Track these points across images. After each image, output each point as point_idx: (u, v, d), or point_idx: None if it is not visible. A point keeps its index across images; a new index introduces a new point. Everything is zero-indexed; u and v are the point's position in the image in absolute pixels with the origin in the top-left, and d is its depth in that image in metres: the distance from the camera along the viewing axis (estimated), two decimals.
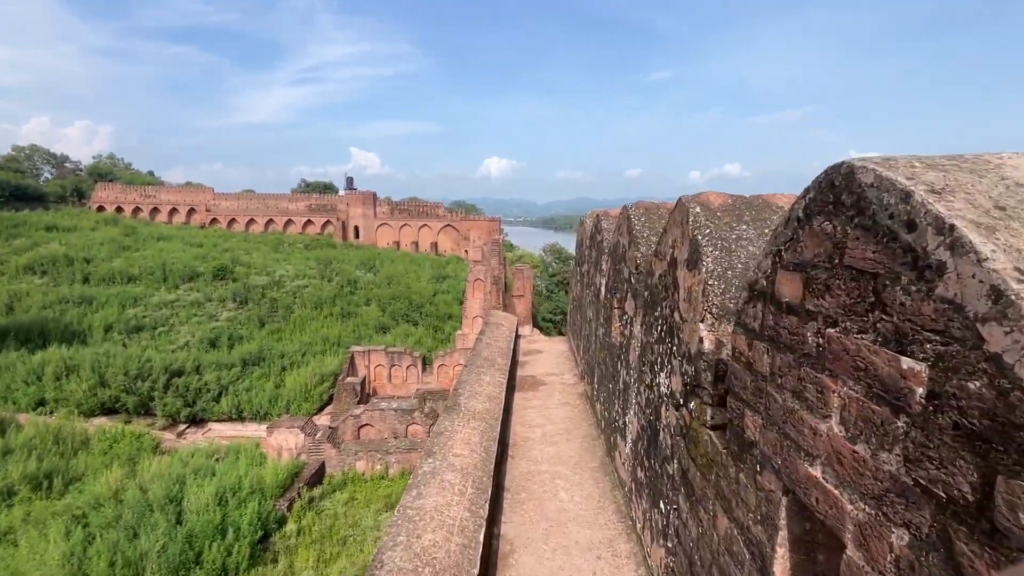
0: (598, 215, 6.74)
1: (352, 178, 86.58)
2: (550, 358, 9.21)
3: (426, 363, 38.82)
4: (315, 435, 22.32)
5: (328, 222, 77.62)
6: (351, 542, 17.73)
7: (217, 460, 23.57)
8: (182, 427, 31.49)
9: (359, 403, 32.81)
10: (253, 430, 30.38)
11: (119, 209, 77.36)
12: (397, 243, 75.05)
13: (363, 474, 22.12)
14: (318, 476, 21.24)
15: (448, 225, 74.99)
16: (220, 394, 32.78)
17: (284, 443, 21.82)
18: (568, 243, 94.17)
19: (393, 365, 37.46)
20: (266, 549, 16.74)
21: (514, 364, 8.14)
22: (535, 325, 49.69)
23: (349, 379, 34.13)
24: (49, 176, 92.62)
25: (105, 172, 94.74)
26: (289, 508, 18.74)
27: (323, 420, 32.41)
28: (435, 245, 74.50)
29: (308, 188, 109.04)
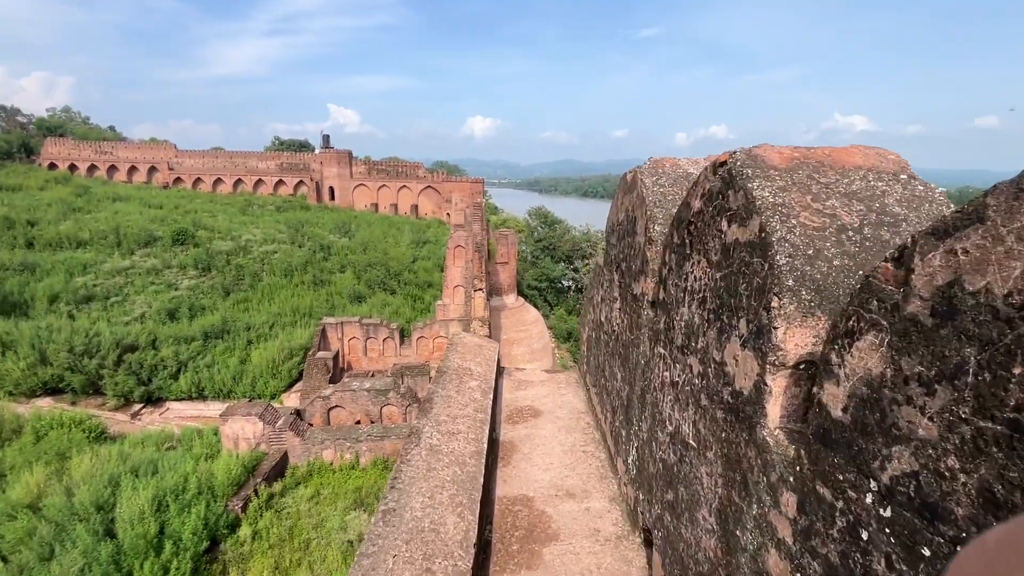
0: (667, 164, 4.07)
1: (328, 136, 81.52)
2: (555, 435, 5.16)
3: (404, 335, 36.53)
4: (276, 423, 20.06)
5: (301, 182, 73.20)
6: (315, 546, 15.80)
7: (169, 449, 21.29)
8: (137, 407, 28.99)
9: (332, 380, 30.58)
10: (216, 410, 27.92)
11: (72, 167, 71.69)
12: (375, 205, 71.25)
13: (331, 464, 20.09)
14: (279, 469, 19.13)
15: (429, 187, 71.24)
16: (179, 371, 30.20)
17: (241, 432, 19.56)
18: (554, 206, 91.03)
19: (369, 338, 35.10)
20: (214, 560, 14.70)
21: (491, 458, 4.58)
22: (520, 293, 47.54)
23: (321, 354, 31.72)
24: None
25: (57, 126, 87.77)
26: (244, 508, 16.65)
27: (292, 399, 30.19)
28: (415, 208, 70.95)
29: (282, 146, 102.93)
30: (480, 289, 35.21)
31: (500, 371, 6.46)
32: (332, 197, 71.91)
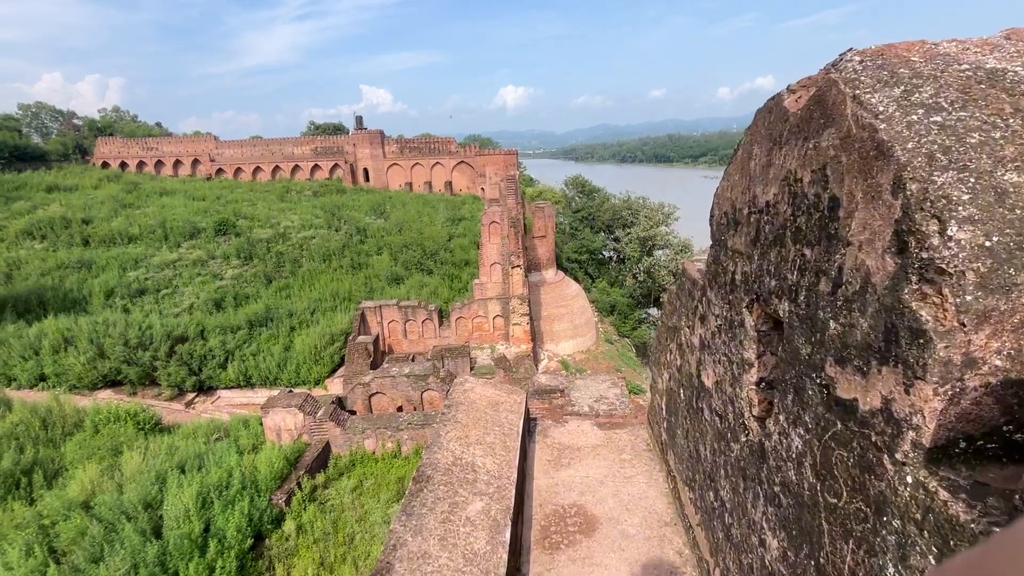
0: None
1: (361, 117, 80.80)
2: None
3: (443, 316, 35.97)
4: (316, 413, 19.82)
5: (336, 165, 73.38)
6: (359, 540, 15.43)
7: (217, 440, 21.55)
8: (190, 396, 29.88)
9: (373, 363, 30.44)
10: (263, 397, 28.38)
11: (123, 165, 74.63)
12: (409, 184, 70.68)
13: (373, 453, 19.74)
14: (322, 460, 18.92)
15: (462, 162, 69.82)
16: (226, 360, 30.78)
17: (282, 424, 19.43)
18: (591, 174, 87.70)
19: (408, 320, 34.73)
20: (259, 556, 14.56)
21: None
22: (559, 267, 45.97)
23: (361, 338, 31.59)
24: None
25: (107, 126, 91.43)
26: (288, 502, 16.47)
27: (336, 384, 30.30)
28: (449, 184, 69.87)
29: (317, 130, 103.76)
30: (517, 265, 33.95)
31: (530, 427, 4.79)
32: (367, 178, 71.84)
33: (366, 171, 71.81)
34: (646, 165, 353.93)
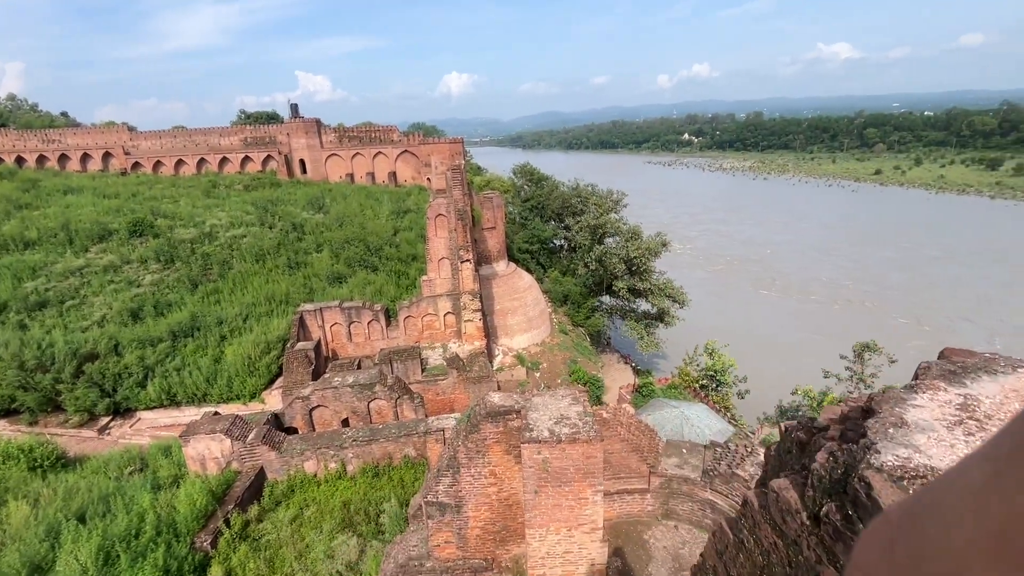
0: None
1: (296, 105, 75.67)
2: None
3: (390, 316, 34.04)
4: (246, 436, 17.71)
5: (269, 157, 68.59)
6: None
7: (134, 473, 19.00)
8: (104, 421, 26.61)
9: (315, 371, 28.23)
10: (193, 416, 25.71)
11: (20, 160, 66.52)
12: (350, 176, 67.13)
13: (314, 476, 17.92)
14: (255, 489, 16.93)
15: (406, 151, 66.95)
16: (146, 377, 27.66)
17: (207, 452, 17.23)
18: (540, 161, 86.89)
19: (352, 322, 32.57)
20: None
21: None
22: (511, 259, 44.82)
23: (300, 345, 29.24)
24: None
25: None
26: (214, 544, 14.50)
27: (274, 397, 27.90)
28: (393, 175, 66.91)
29: (248, 120, 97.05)
30: (467, 260, 32.47)
31: None
32: (304, 170, 67.63)
33: (303, 162, 67.56)
34: (592, 152, 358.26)
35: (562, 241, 58.64)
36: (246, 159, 68.77)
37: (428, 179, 63.05)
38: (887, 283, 68.39)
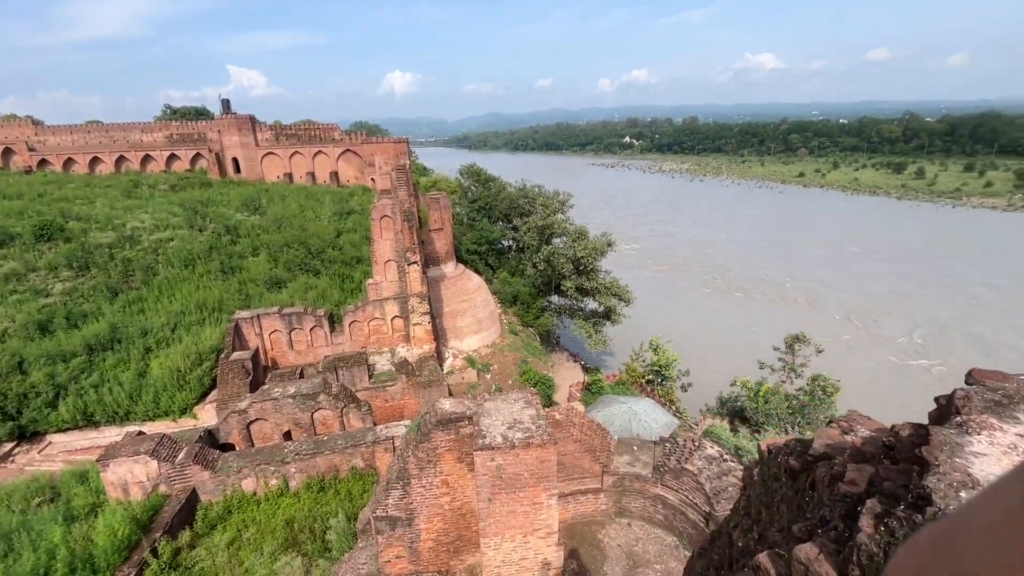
0: None
1: (228, 100, 71.26)
2: None
3: (335, 321, 32.73)
4: (176, 456, 16.37)
5: (198, 155, 64.40)
6: None
7: (43, 504, 17.13)
8: (8, 447, 23.87)
9: (254, 382, 26.64)
10: (114, 437, 23.56)
11: None
12: (289, 175, 64.21)
13: (254, 494, 16.83)
14: (187, 513, 15.66)
15: (348, 150, 64.84)
16: (57, 396, 25.09)
17: (130, 476, 15.75)
18: (486, 162, 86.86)
19: (293, 329, 31.03)
20: None
21: None
22: (459, 260, 44.38)
23: (236, 354, 27.50)
24: None
25: None
26: None
27: (208, 412, 26.12)
28: (335, 175, 64.62)
29: (176, 115, 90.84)
30: (414, 262, 31.76)
31: None
32: (237, 170, 63.98)
33: (236, 161, 63.90)
34: (537, 153, 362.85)
35: (510, 242, 58.80)
36: (172, 157, 64.21)
37: (372, 179, 61.38)
38: (817, 279, 73.36)
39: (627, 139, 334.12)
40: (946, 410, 2.87)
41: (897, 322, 57.37)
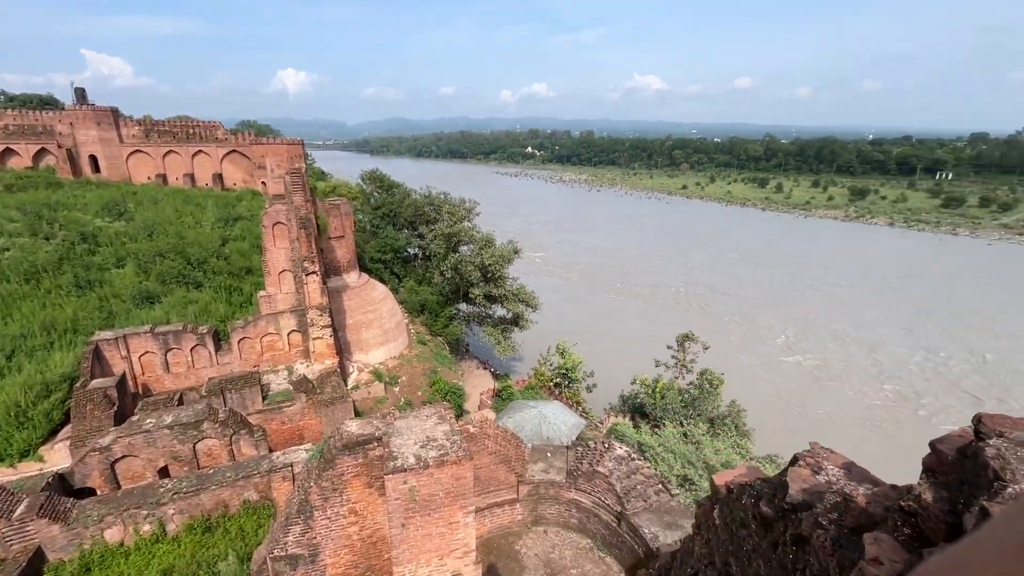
0: None
1: (83, 90, 61.61)
2: None
3: (221, 338, 29.61)
4: (12, 511, 13.59)
5: (44, 151, 55.18)
6: None
7: None
8: None
9: (120, 414, 23.14)
10: None
11: None
12: (162, 177, 57.29)
13: (122, 544, 14.50)
14: None
15: (235, 151, 59.45)
16: None
17: None
18: (389, 168, 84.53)
19: (170, 350, 27.51)
20: None
21: None
22: (362, 269, 42.52)
23: (96, 382, 23.70)
24: None
25: None
26: None
27: (60, 452, 22.22)
28: (219, 177, 58.86)
29: (12, 103, 77.36)
30: (313, 272, 29.79)
31: None
32: (96, 168, 55.79)
33: (94, 159, 55.71)
34: (442, 160, 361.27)
35: (416, 250, 57.56)
36: (8, 152, 54.40)
37: (263, 183, 56.82)
38: (705, 283, 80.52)
39: (529, 149, 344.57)
40: (963, 466, 2.48)
41: (773, 321, 64.74)
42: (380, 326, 37.12)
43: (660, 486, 10.74)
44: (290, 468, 16.25)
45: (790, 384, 48.33)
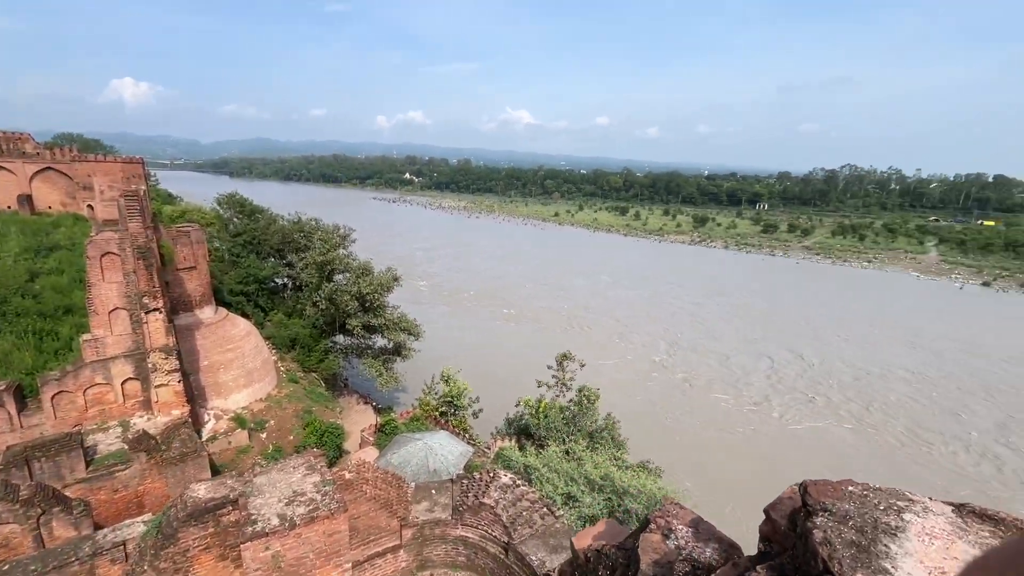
0: None
1: None
2: None
3: (26, 395, 24.13)
4: None
5: None
6: None
7: None
8: None
9: None
10: None
11: None
12: None
13: None
14: None
15: (51, 168, 50.09)
16: None
17: None
18: (253, 191, 77.74)
19: None
20: None
21: None
22: (220, 302, 38.10)
23: None
24: None
25: None
26: None
27: None
28: (27, 199, 48.95)
29: None
30: (156, 309, 25.87)
31: None
32: None
33: None
34: (313, 184, 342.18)
35: (285, 280, 53.20)
36: None
37: (89, 206, 48.50)
38: (584, 305, 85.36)
39: (407, 175, 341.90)
40: (795, 543, 2.56)
41: (644, 338, 70.56)
42: (242, 366, 33.34)
43: (545, 509, 10.85)
44: (121, 548, 13.55)
45: (662, 395, 52.92)
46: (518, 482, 11.62)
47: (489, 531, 10.57)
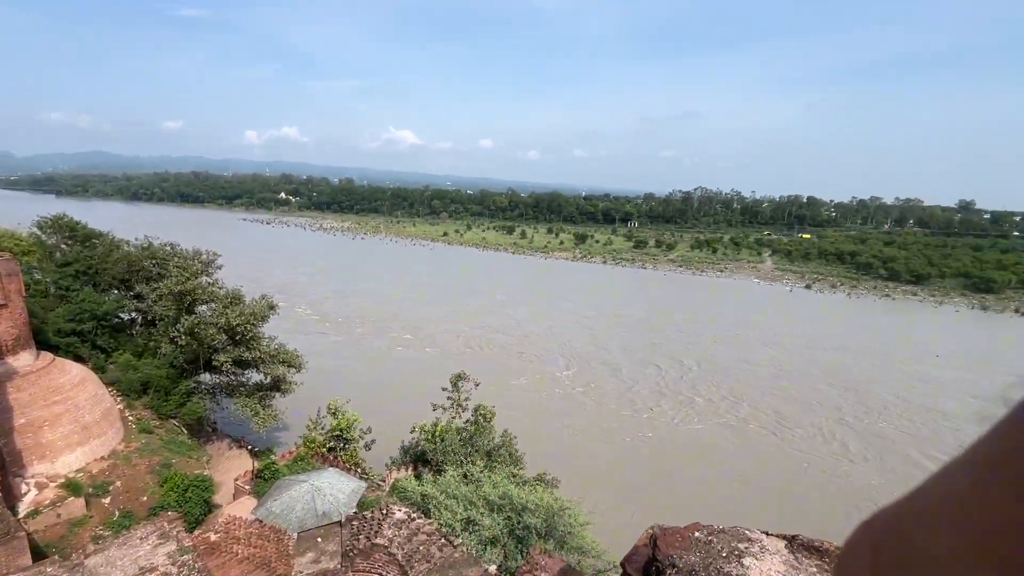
0: None
1: None
2: None
3: None
4: None
5: None
6: None
7: None
8: None
9: None
10: None
11: None
12: None
13: None
14: None
15: None
16: None
17: None
18: (87, 213, 66.66)
19: None
20: None
21: None
22: (44, 346, 31.91)
23: None
24: None
25: None
26: None
27: None
28: None
29: None
30: None
31: None
32: None
33: None
34: (169, 205, 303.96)
35: (133, 314, 46.19)
36: None
37: None
38: (487, 326, 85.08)
39: (283, 195, 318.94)
40: None
41: (544, 354, 72.10)
42: (76, 420, 28.05)
43: (443, 540, 10.39)
44: None
45: (562, 409, 54.49)
46: (413, 515, 11.04)
47: (384, 574, 9.86)
